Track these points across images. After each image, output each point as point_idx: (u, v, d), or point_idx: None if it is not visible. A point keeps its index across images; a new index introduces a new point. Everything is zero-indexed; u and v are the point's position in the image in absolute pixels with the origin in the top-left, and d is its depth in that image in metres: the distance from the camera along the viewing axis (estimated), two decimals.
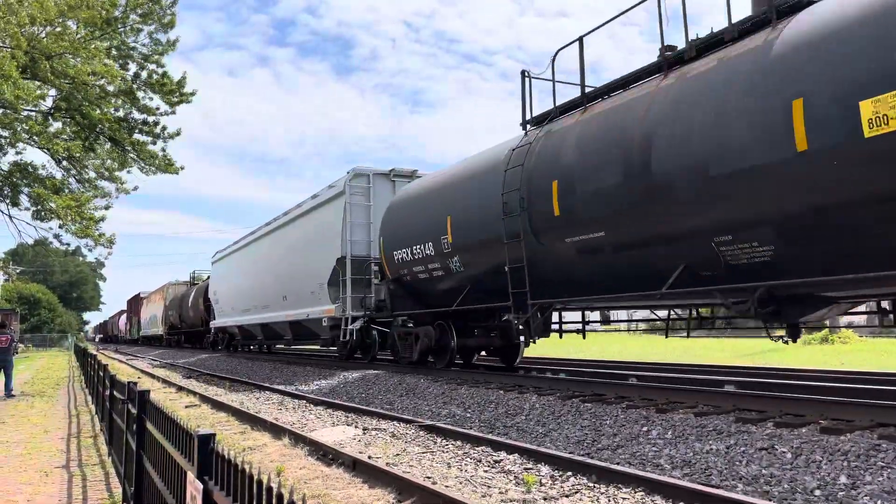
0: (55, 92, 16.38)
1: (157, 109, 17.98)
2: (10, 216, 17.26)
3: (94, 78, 15.88)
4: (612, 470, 5.16)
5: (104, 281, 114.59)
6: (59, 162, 17.67)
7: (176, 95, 17.80)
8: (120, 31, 16.73)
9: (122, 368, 22.20)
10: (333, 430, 7.93)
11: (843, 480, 4.60)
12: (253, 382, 14.52)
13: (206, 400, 11.90)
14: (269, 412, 9.93)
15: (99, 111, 16.71)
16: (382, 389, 11.47)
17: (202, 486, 2.31)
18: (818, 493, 4.52)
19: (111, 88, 16.88)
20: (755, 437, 5.67)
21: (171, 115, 18.16)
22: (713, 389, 8.17)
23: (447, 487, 5.00)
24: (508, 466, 5.78)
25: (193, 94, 18.24)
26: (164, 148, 18.53)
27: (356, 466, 5.80)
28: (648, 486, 4.77)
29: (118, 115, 17.63)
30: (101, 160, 18.30)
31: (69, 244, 17.43)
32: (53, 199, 15.40)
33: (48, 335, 70.48)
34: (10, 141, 16.42)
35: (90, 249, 17.11)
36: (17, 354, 19.72)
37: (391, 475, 5.25)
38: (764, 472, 5.01)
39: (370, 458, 6.08)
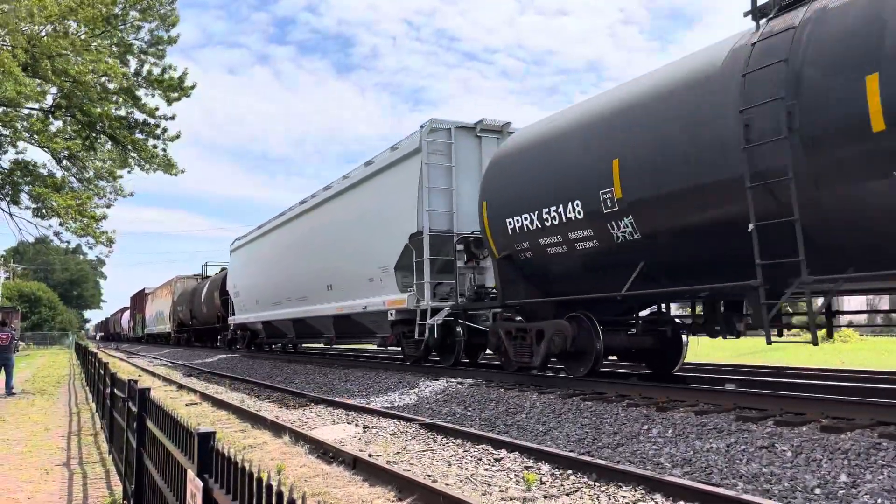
0: (56, 90, 16.38)
1: (156, 109, 17.98)
2: (10, 214, 17.26)
3: (94, 77, 15.88)
4: (612, 468, 5.16)
5: (105, 279, 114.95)
6: (59, 161, 17.67)
7: (176, 91, 17.77)
8: (120, 28, 16.71)
9: (123, 366, 22.23)
10: (334, 428, 7.94)
11: (843, 479, 4.60)
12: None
13: (206, 398, 11.91)
14: (269, 410, 9.94)
15: (100, 109, 16.71)
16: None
17: (202, 483, 2.31)
18: (818, 491, 4.52)
19: (112, 86, 16.88)
20: (755, 435, 5.67)
21: (171, 119, 18.16)
22: (714, 388, 8.17)
23: (447, 486, 5.00)
24: (509, 465, 5.78)
25: (193, 87, 18.20)
26: (164, 149, 18.51)
27: (356, 464, 5.81)
28: (649, 484, 4.77)
29: (119, 113, 17.63)
30: (101, 161, 18.30)
31: (69, 241, 17.40)
32: (54, 197, 15.40)
33: (49, 333, 70.60)
34: (10, 140, 16.43)
35: (91, 247, 17.12)
36: (17, 352, 19.74)
37: (391, 473, 5.26)
38: (764, 470, 5.01)
39: (370, 456, 6.09)
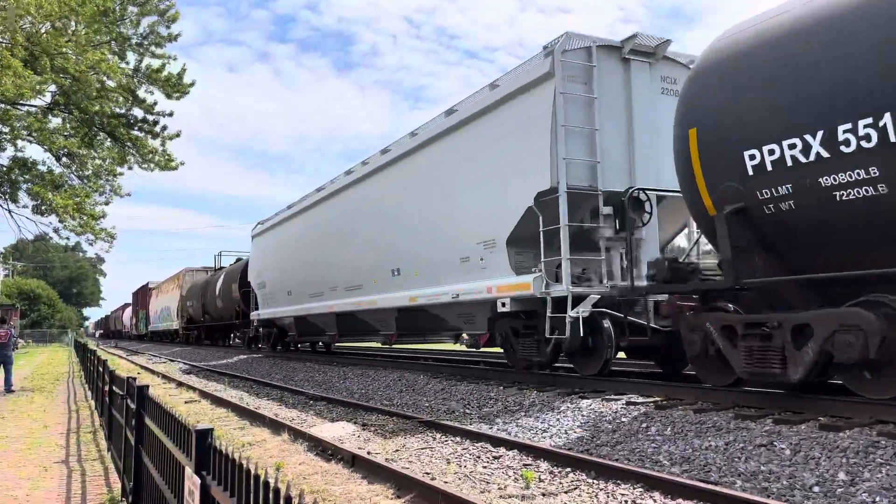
0: (54, 87, 16.35)
1: (155, 105, 17.93)
2: (9, 211, 17.23)
3: (96, 76, 15.84)
4: (610, 466, 5.16)
5: (104, 277, 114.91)
6: (58, 158, 17.64)
7: (174, 87, 17.72)
8: (118, 24, 16.66)
9: (122, 364, 22.23)
10: (333, 425, 7.94)
11: (841, 477, 4.60)
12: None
13: (205, 395, 11.91)
14: (269, 408, 9.94)
15: (98, 106, 16.67)
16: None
17: (200, 480, 2.31)
18: (817, 489, 4.52)
19: (111, 84, 16.84)
20: (754, 433, 5.67)
21: (169, 116, 18.09)
22: (712, 386, 8.16)
23: (446, 483, 5.01)
24: (508, 462, 5.78)
25: (192, 84, 18.14)
26: (163, 144, 18.46)
27: (355, 462, 5.81)
28: (647, 482, 4.77)
29: (118, 111, 17.59)
30: (100, 159, 18.26)
31: (69, 238, 17.35)
32: (53, 197, 15.37)
33: (48, 331, 70.60)
34: (8, 137, 16.40)
35: (91, 244, 16.98)
36: (16, 350, 19.73)
37: (390, 471, 5.26)
38: (763, 468, 5.01)
39: (369, 453, 6.09)
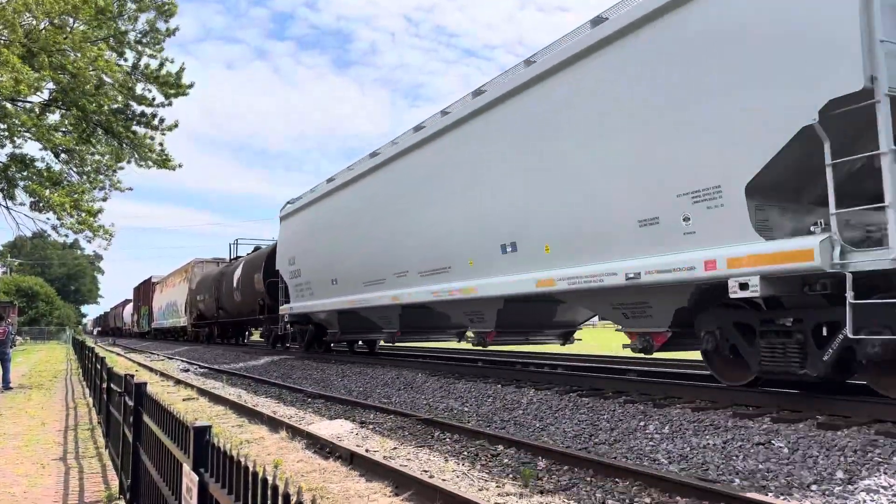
0: (52, 84, 16.29)
1: (153, 100, 17.87)
2: (7, 208, 17.18)
3: (95, 74, 15.78)
4: (608, 464, 5.16)
5: (102, 274, 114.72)
6: (57, 155, 17.60)
7: (173, 87, 17.66)
8: (116, 20, 16.61)
9: (119, 361, 22.21)
10: (331, 423, 7.94)
11: (839, 475, 4.60)
12: None
13: (203, 393, 11.90)
14: (267, 405, 9.94)
15: (95, 104, 16.61)
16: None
17: (198, 478, 2.30)
18: (815, 488, 4.52)
19: (109, 81, 16.79)
20: (752, 431, 5.67)
21: (167, 106, 18.02)
22: (710, 385, 8.16)
23: (444, 481, 5.00)
24: (506, 460, 5.78)
25: (191, 86, 18.10)
26: (161, 143, 18.41)
27: (354, 460, 5.81)
28: (645, 480, 4.78)
29: (115, 107, 17.53)
30: (100, 154, 18.21)
31: (67, 235, 17.26)
32: (50, 195, 15.33)
33: (46, 328, 70.48)
34: (6, 134, 16.35)
35: (89, 241, 16.87)
36: (14, 347, 19.70)
37: (388, 468, 5.25)
38: (761, 466, 5.02)
39: (368, 451, 6.08)
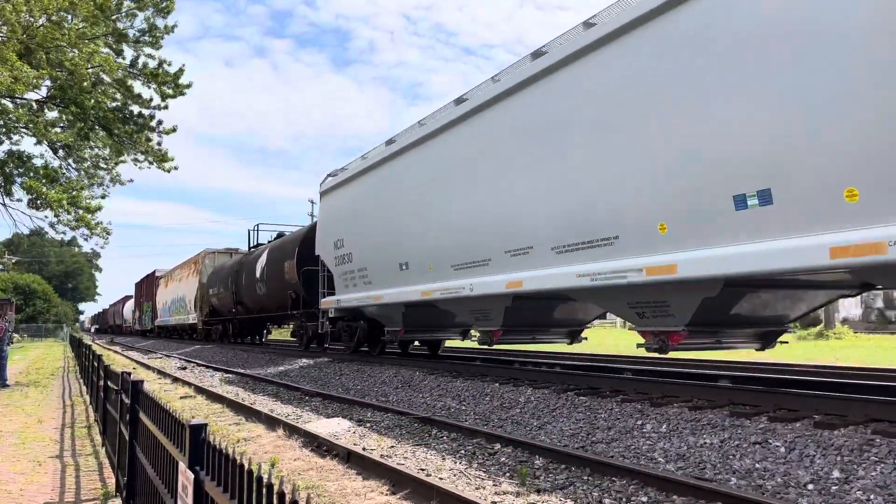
0: (50, 81, 16.26)
1: (150, 101, 17.84)
2: (4, 205, 17.14)
3: (92, 71, 15.76)
4: (606, 463, 5.16)
5: (100, 272, 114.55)
6: (55, 151, 17.58)
7: (171, 86, 17.63)
8: (114, 18, 16.57)
9: (117, 359, 22.18)
10: (328, 421, 7.93)
11: (836, 475, 4.61)
12: None
13: (200, 391, 11.89)
14: (264, 403, 9.93)
15: (93, 101, 16.59)
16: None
17: (194, 476, 2.30)
18: (811, 487, 4.53)
19: (106, 78, 16.76)
20: (749, 431, 5.68)
21: (164, 108, 17.99)
22: (708, 384, 8.18)
23: (441, 480, 5.00)
24: (503, 459, 5.79)
25: (189, 86, 18.08)
26: (160, 142, 18.38)
27: (350, 458, 5.80)
28: (642, 479, 4.78)
29: (113, 105, 17.50)
30: (98, 149, 18.19)
31: (64, 233, 17.22)
32: (47, 193, 15.30)
33: (43, 326, 70.40)
34: (3, 131, 16.32)
35: (86, 239, 16.86)
36: (11, 345, 19.68)
37: (385, 467, 5.25)
38: (757, 465, 5.02)
39: (365, 449, 6.08)
